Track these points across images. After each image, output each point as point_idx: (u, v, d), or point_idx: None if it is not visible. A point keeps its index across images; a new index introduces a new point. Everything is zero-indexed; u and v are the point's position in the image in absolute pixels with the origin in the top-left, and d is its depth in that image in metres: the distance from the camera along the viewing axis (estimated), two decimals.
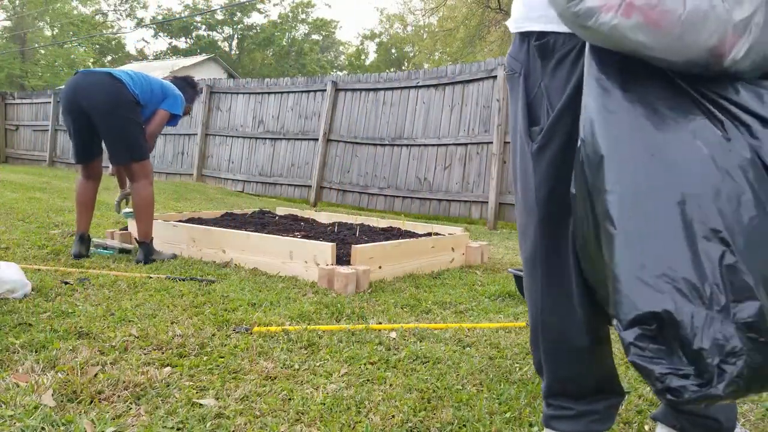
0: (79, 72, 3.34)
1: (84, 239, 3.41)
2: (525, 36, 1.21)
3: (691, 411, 1.25)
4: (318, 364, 1.84)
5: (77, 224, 3.45)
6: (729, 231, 0.88)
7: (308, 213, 5.02)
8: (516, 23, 1.23)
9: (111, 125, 3.23)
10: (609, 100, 1.00)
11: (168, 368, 1.71)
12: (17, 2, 32.03)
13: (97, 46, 35.44)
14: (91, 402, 1.47)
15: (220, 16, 36.66)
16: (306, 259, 3.10)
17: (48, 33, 33.49)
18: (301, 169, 8.82)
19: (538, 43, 1.17)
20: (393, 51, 38.88)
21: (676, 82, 1.00)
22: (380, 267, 3.17)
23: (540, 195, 1.20)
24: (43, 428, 1.32)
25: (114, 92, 3.22)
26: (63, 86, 3.33)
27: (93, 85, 3.22)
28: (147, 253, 3.32)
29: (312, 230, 4.08)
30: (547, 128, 1.17)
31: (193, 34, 37.48)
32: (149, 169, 3.39)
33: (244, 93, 9.63)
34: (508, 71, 1.29)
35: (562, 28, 1.11)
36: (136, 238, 3.41)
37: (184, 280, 2.88)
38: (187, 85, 3.81)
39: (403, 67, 36.24)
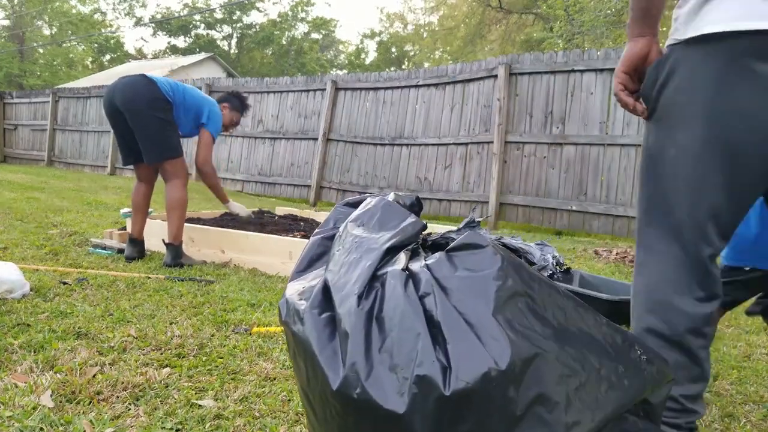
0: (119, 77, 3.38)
1: (134, 243, 3.37)
2: None
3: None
4: None
5: (130, 227, 3.47)
6: None
7: (308, 213, 5.02)
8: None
9: (141, 123, 3.20)
10: None
11: (167, 369, 1.71)
12: (16, 1, 31.98)
13: (96, 45, 35.38)
14: (90, 402, 1.46)
15: (219, 15, 36.64)
16: None
17: (47, 32, 33.44)
18: (301, 168, 8.81)
19: None
20: (393, 50, 38.86)
21: None
22: None
23: None
24: (41, 429, 1.31)
25: (144, 91, 3.20)
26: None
27: (126, 85, 3.24)
28: (175, 255, 3.24)
29: (312, 230, 4.07)
30: None
31: (192, 33, 37.44)
32: (182, 169, 3.30)
33: (243, 92, 9.60)
34: None
35: None
36: (163, 240, 3.32)
37: (182, 281, 2.87)
38: (233, 97, 3.78)
39: (404, 66, 36.20)
